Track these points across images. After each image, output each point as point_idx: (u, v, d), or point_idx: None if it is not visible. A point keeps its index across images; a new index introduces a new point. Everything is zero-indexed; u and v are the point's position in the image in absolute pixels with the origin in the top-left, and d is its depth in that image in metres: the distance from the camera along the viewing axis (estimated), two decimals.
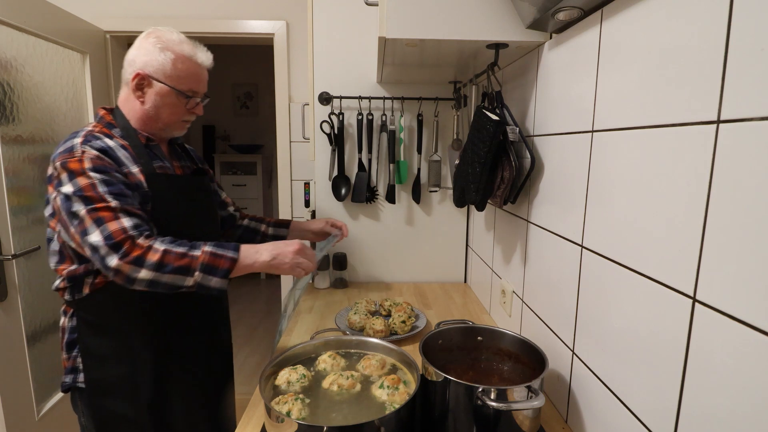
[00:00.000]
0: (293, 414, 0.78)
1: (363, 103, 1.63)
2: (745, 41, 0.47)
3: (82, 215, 0.89)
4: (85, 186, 0.89)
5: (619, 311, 0.71)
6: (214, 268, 0.91)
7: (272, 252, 0.97)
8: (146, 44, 1.01)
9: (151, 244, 0.89)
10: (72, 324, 1.03)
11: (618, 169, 0.71)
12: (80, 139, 0.95)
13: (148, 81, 1.01)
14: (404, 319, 1.27)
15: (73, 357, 1.03)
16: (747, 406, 0.46)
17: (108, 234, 0.87)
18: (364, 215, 1.75)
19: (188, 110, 1.07)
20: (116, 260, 0.87)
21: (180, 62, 1.01)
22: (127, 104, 1.05)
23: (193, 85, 1.05)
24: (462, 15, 0.95)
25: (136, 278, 0.88)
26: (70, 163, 0.91)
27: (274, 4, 2.21)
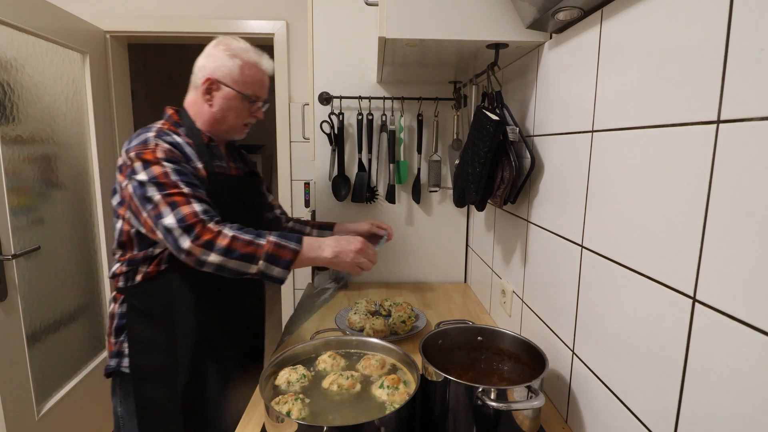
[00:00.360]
0: (293, 414, 0.78)
1: (363, 103, 1.63)
2: (745, 41, 0.47)
3: (157, 200, 0.95)
4: (159, 174, 0.96)
5: (619, 311, 0.71)
6: (278, 258, 0.96)
7: (335, 249, 1.02)
8: (216, 52, 1.09)
9: (220, 230, 0.94)
10: (122, 310, 1.09)
11: (618, 169, 0.71)
12: (153, 133, 1.02)
13: (216, 85, 1.09)
14: (404, 319, 1.27)
15: (119, 342, 1.09)
16: (747, 406, 0.46)
17: (181, 217, 0.93)
18: (364, 215, 1.75)
19: (251, 114, 1.14)
20: (188, 242, 0.92)
21: (247, 68, 1.09)
22: (194, 106, 1.12)
23: (257, 90, 1.13)
24: (462, 15, 0.95)
25: (205, 261, 0.93)
26: (144, 153, 0.98)
27: (274, 4, 2.21)
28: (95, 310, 2.10)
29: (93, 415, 1.99)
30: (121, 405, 1.11)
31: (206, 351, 1.10)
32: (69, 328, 1.87)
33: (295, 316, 1.43)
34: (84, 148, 2.01)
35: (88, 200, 2.04)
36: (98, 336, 2.12)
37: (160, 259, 1.05)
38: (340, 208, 1.74)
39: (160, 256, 1.05)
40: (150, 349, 1.07)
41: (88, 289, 2.03)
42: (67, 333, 1.85)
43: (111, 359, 1.10)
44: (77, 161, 1.96)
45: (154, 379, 1.07)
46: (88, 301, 2.03)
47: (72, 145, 1.91)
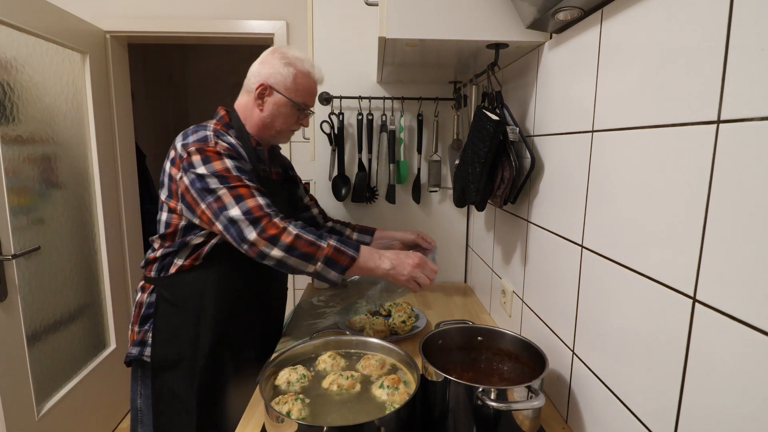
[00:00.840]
0: (293, 414, 0.78)
1: (363, 103, 1.63)
2: (745, 41, 0.47)
3: (221, 192, 0.97)
4: (221, 168, 0.99)
5: (619, 311, 0.71)
6: (335, 262, 0.99)
7: (393, 261, 1.04)
8: (272, 59, 1.13)
9: (286, 226, 0.97)
10: (150, 300, 1.11)
11: (618, 169, 0.71)
12: (211, 132, 1.05)
13: (269, 91, 1.12)
14: (404, 319, 1.27)
15: (144, 331, 1.11)
16: (747, 406, 0.46)
17: (247, 209, 0.96)
18: (364, 215, 1.75)
19: (297, 121, 1.18)
20: (254, 234, 0.95)
21: (300, 77, 1.13)
22: (245, 110, 1.16)
23: (307, 99, 1.17)
24: (462, 15, 0.95)
25: (267, 254, 0.96)
26: (206, 149, 1.01)
27: (274, 4, 2.21)
28: (95, 310, 2.10)
29: (93, 415, 1.99)
30: (140, 397, 1.13)
31: (225, 347, 1.13)
32: (69, 328, 1.87)
33: (295, 318, 1.43)
34: (84, 148, 2.01)
35: (88, 200, 2.04)
36: (98, 336, 2.12)
37: (198, 255, 1.08)
38: (340, 208, 1.74)
39: (198, 251, 1.08)
40: (174, 340, 1.09)
41: (88, 289, 2.03)
42: (67, 333, 1.85)
43: (133, 347, 1.12)
44: (77, 161, 1.96)
45: (173, 369, 1.10)
46: (88, 301, 2.03)
47: (72, 145, 1.91)
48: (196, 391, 1.10)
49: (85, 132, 2.02)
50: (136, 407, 1.14)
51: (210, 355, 1.10)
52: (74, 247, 1.92)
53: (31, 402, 1.59)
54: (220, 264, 1.09)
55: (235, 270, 1.11)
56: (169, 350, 1.10)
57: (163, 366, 1.10)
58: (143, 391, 1.13)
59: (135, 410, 1.15)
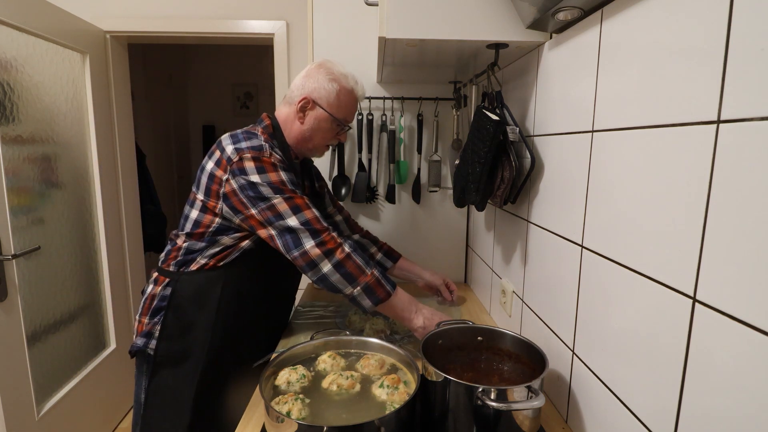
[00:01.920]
0: (293, 414, 0.78)
1: (363, 103, 1.63)
2: (745, 41, 0.47)
3: (275, 201, 1.00)
4: (277, 180, 1.01)
5: (619, 311, 0.71)
6: (373, 293, 1.02)
7: (425, 321, 1.06)
8: (317, 74, 1.14)
9: (342, 243, 1.01)
10: (164, 293, 1.10)
11: (618, 169, 0.71)
12: (264, 142, 1.05)
13: (312, 105, 1.13)
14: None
15: (153, 323, 1.10)
16: (747, 406, 0.46)
17: (306, 220, 0.99)
18: (364, 215, 1.75)
19: (335, 136, 1.19)
20: (312, 244, 0.98)
21: (343, 94, 1.14)
22: (286, 122, 1.16)
23: (348, 116, 1.18)
24: (462, 15, 0.95)
25: (317, 266, 0.99)
26: (262, 158, 1.02)
27: (274, 4, 2.21)
28: (95, 310, 2.10)
29: (93, 414, 1.99)
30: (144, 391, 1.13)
31: (231, 350, 1.13)
32: (69, 328, 1.87)
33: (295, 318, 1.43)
34: (84, 148, 2.01)
35: (88, 200, 2.04)
36: (98, 336, 2.12)
37: (225, 256, 1.09)
38: None
39: (225, 252, 1.09)
40: (181, 337, 1.09)
41: (88, 289, 2.03)
42: (67, 333, 1.85)
43: (139, 338, 1.11)
44: (77, 161, 1.96)
45: (175, 366, 1.09)
46: (88, 301, 2.03)
47: (72, 145, 1.91)
48: (195, 390, 1.09)
49: (85, 132, 2.02)
50: (140, 401, 1.14)
51: (215, 356, 1.10)
52: (74, 247, 1.92)
53: (31, 402, 1.59)
54: (243, 268, 1.10)
55: (255, 275, 1.14)
56: (175, 346, 1.09)
57: (166, 361, 1.10)
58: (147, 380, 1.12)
59: (138, 404, 1.14)
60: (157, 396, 1.10)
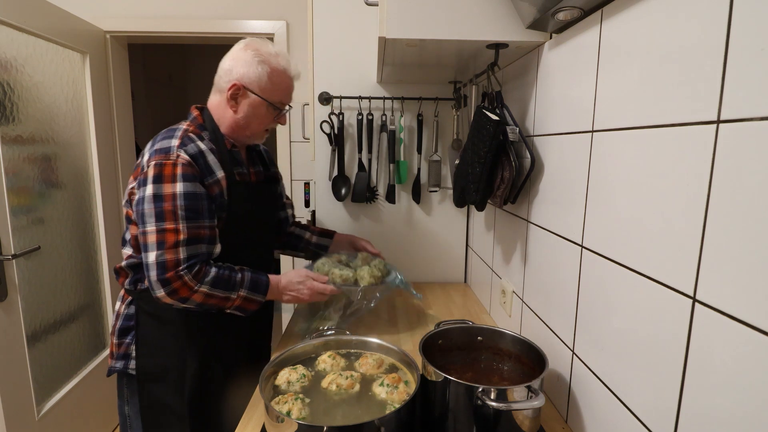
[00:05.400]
0: (293, 414, 0.78)
1: (363, 103, 1.63)
2: (745, 41, 0.47)
3: (149, 228, 0.94)
4: (168, 195, 0.94)
5: (619, 311, 0.71)
6: (245, 309, 1.05)
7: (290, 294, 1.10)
8: (245, 56, 1.05)
9: (197, 287, 0.96)
10: (129, 311, 1.08)
11: (618, 169, 0.71)
12: (177, 141, 0.99)
13: (243, 92, 1.05)
14: (380, 269, 1.25)
15: (126, 344, 1.08)
16: (747, 406, 0.46)
17: (162, 261, 0.93)
18: (364, 215, 1.75)
19: (274, 120, 1.13)
20: (162, 293, 0.95)
21: (276, 75, 1.06)
22: (218, 110, 1.09)
23: (283, 97, 1.11)
24: (462, 15, 0.95)
25: (176, 306, 0.99)
26: (164, 166, 0.95)
27: (274, 4, 2.21)
28: (95, 310, 2.10)
29: (93, 415, 1.99)
30: (128, 404, 1.11)
31: (215, 356, 1.11)
32: (69, 328, 1.87)
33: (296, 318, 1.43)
34: (84, 148, 2.01)
35: (88, 200, 2.04)
36: (98, 336, 2.12)
37: None
38: (340, 208, 1.74)
39: None
40: (159, 352, 1.07)
41: (88, 289, 2.03)
42: (67, 333, 1.85)
43: (117, 361, 1.08)
44: (77, 161, 1.96)
45: (161, 380, 1.07)
46: (88, 301, 2.03)
47: (72, 145, 1.91)
48: (187, 400, 1.08)
49: (85, 132, 2.02)
50: (124, 413, 1.12)
51: (199, 365, 1.08)
52: (74, 247, 1.92)
53: (31, 402, 1.59)
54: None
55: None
56: (155, 362, 1.07)
57: (150, 378, 1.07)
58: (130, 399, 1.10)
59: (123, 416, 1.13)
60: (152, 411, 1.08)
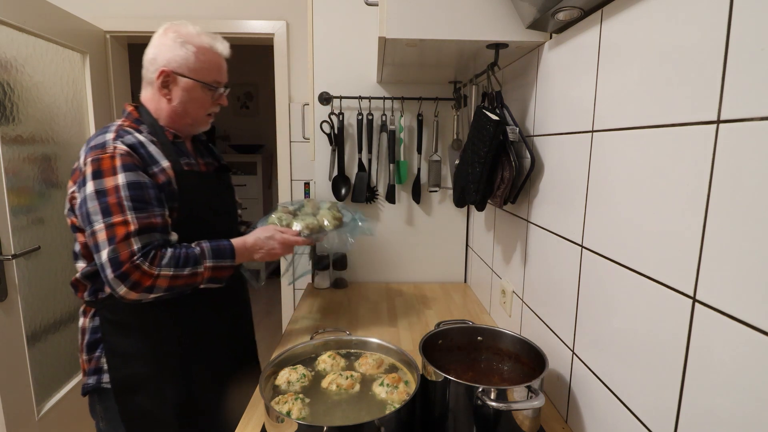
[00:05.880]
0: (293, 414, 0.78)
1: (363, 103, 1.63)
2: (745, 41, 0.47)
3: (97, 227, 0.88)
4: (111, 188, 0.89)
5: (619, 311, 0.71)
6: (218, 278, 1.00)
7: (262, 251, 1.06)
8: (166, 40, 1.00)
9: (157, 273, 0.90)
10: (94, 324, 1.03)
11: (618, 169, 0.71)
12: (112, 134, 0.94)
13: (173, 77, 1.01)
14: (338, 210, 1.23)
15: (95, 358, 1.02)
16: (747, 406, 0.46)
17: (116, 257, 0.87)
18: (364, 215, 1.75)
19: (213, 102, 1.08)
20: (124, 289, 0.89)
21: (201, 54, 1.01)
22: (153, 103, 1.04)
23: (216, 76, 1.06)
24: (462, 15, 0.95)
25: (146, 299, 0.92)
26: (102, 157, 0.90)
27: (274, 4, 2.21)
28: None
29: None
30: (102, 420, 1.05)
31: (195, 355, 1.07)
32: (69, 328, 1.87)
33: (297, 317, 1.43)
34: None
35: None
36: None
37: None
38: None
39: None
40: (131, 361, 1.01)
41: None
42: (67, 333, 1.85)
43: (89, 377, 1.03)
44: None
45: (139, 390, 1.02)
46: None
47: (72, 145, 1.91)
48: (171, 406, 1.03)
49: (85, 132, 2.02)
50: (100, 428, 1.07)
51: (180, 367, 1.04)
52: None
53: (31, 402, 1.59)
54: None
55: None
56: (129, 372, 1.01)
57: (127, 389, 1.01)
58: (104, 415, 1.04)
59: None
60: (135, 423, 1.03)
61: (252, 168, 4.51)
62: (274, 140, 2.39)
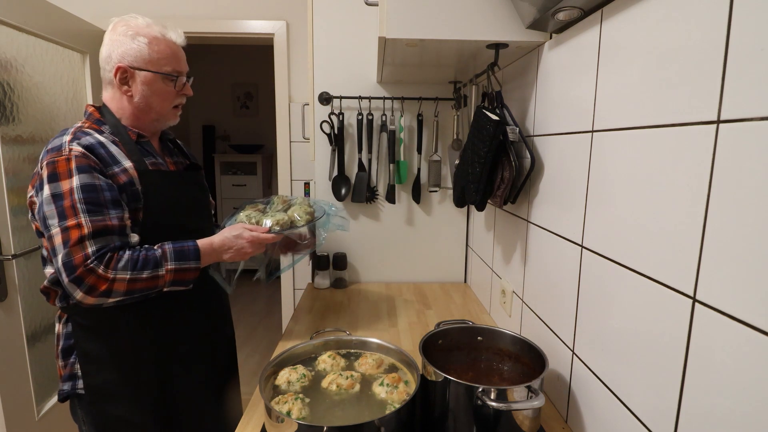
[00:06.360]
0: (293, 414, 0.78)
1: (363, 103, 1.63)
2: (745, 41, 0.47)
3: (53, 231, 0.87)
4: (66, 191, 0.87)
5: (619, 311, 0.71)
6: (182, 281, 0.96)
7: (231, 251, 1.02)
8: (116, 36, 0.98)
9: (113, 277, 0.87)
10: (67, 330, 1.01)
11: (618, 169, 0.71)
12: (69, 136, 0.92)
13: (130, 72, 0.98)
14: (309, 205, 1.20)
15: (70, 364, 1.01)
16: (747, 406, 0.46)
17: (69, 261, 0.85)
18: (364, 215, 1.75)
19: (177, 93, 1.05)
20: (80, 293, 0.86)
21: (155, 44, 0.99)
22: (114, 102, 1.02)
23: (175, 65, 1.02)
24: (462, 15, 0.95)
25: (105, 303, 0.89)
26: (57, 163, 0.89)
27: (274, 4, 2.21)
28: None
29: None
30: (84, 424, 1.04)
31: (171, 361, 1.05)
32: None
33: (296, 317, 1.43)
34: None
35: None
36: None
37: None
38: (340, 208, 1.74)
39: None
40: (105, 367, 0.99)
41: None
42: None
43: (64, 383, 1.02)
44: None
45: (114, 396, 1.00)
46: None
47: None
48: (150, 413, 1.01)
49: None
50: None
51: (155, 372, 1.02)
52: None
53: (31, 402, 1.59)
54: None
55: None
56: (103, 378, 0.99)
57: (102, 396, 0.99)
58: (86, 419, 1.02)
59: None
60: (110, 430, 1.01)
61: (252, 168, 4.51)
62: (274, 140, 2.39)
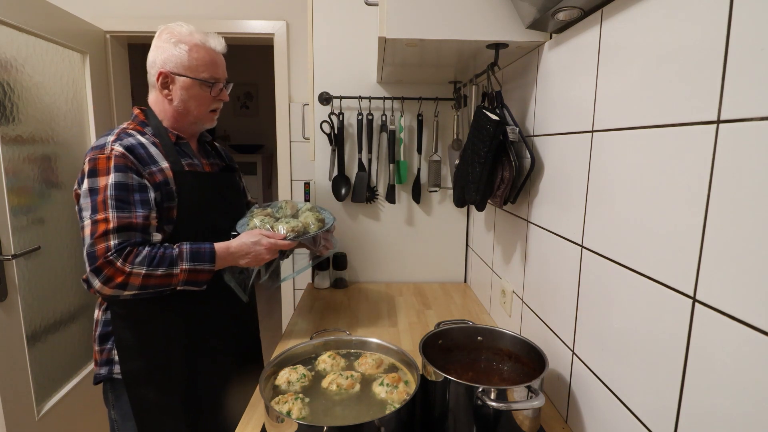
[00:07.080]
0: (293, 414, 0.78)
1: (363, 103, 1.63)
2: (745, 41, 0.47)
3: (85, 222, 0.94)
4: (102, 187, 0.94)
5: (619, 311, 0.71)
6: (195, 281, 1.00)
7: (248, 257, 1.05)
8: (160, 43, 1.05)
9: (130, 270, 0.92)
10: (106, 317, 1.07)
11: (618, 169, 0.71)
12: (113, 137, 0.99)
13: (171, 78, 1.05)
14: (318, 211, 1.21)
15: (107, 349, 1.07)
16: (747, 406, 0.46)
17: (93, 252, 0.92)
18: (364, 215, 1.75)
19: (214, 99, 1.11)
20: (99, 284, 0.92)
21: (194, 51, 1.05)
22: (157, 105, 1.09)
23: (212, 72, 1.08)
24: (462, 15, 0.95)
25: (120, 295, 0.95)
26: (98, 158, 0.96)
27: (274, 4, 2.21)
28: (95, 309, 2.09)
29: (93, 415, 1.99)
30: (113, 409, 1.09)
31: (199, 350, 1.10)
32: (69, 328, 1.87)
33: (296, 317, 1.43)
34: (84, 148, 2.01)
35: None
36: None
37: None
38: (340, 208, 1.74)
39: None
40: (140, 354, 1.05)
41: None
42: (67, 333, 1.85)
43: (101, 367, 1.07)
44: (77, 161, 1.96)
45: (148, 381, 1.06)
46: (88, 301, 2.03)
47: (72, 145, 1.91)
48: (179, 398, 1.07)
49: (85, 132, 2.02)
50: (112, 418, 1.11)
51: (185, 361, 1.08)
52: (74, 247, 1.92)
53: (31, 402, 1.59)
54: None
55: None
56: (139, 364, 1.05)
57: (139, 381, 1.05)
58: (116, 404, 1.09)
59: (111, 421, 1.12)
60: (144, 413, 1.07)
61: (252, 168, 4.51)
62: (274, 140, 2.39)
